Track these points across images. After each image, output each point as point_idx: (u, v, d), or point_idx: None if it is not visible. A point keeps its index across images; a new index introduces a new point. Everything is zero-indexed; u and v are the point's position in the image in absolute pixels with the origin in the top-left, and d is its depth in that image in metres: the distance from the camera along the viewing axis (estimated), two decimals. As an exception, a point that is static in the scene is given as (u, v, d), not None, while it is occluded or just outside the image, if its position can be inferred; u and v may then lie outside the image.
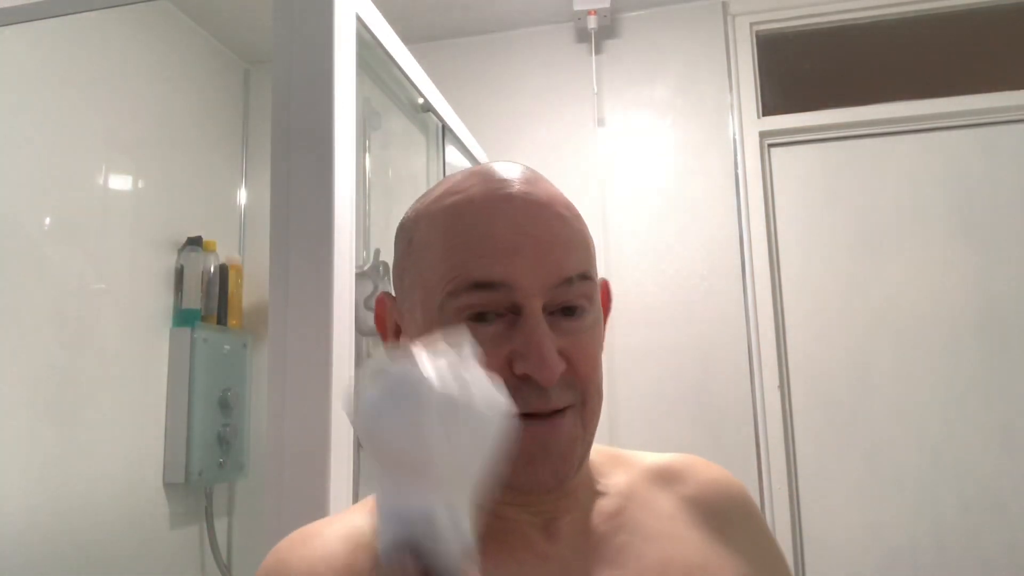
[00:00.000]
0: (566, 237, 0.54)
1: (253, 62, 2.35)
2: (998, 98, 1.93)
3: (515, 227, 0.52)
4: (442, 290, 0.51)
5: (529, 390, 0.50)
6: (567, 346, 0.51)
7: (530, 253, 0.51)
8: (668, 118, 2.10)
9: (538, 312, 0.51)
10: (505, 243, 0.51)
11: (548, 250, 0.52)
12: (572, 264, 0.53)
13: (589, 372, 0.53)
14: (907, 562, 1.81)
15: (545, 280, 0.51)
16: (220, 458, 1.96)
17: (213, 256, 2.00)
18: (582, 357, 0.52)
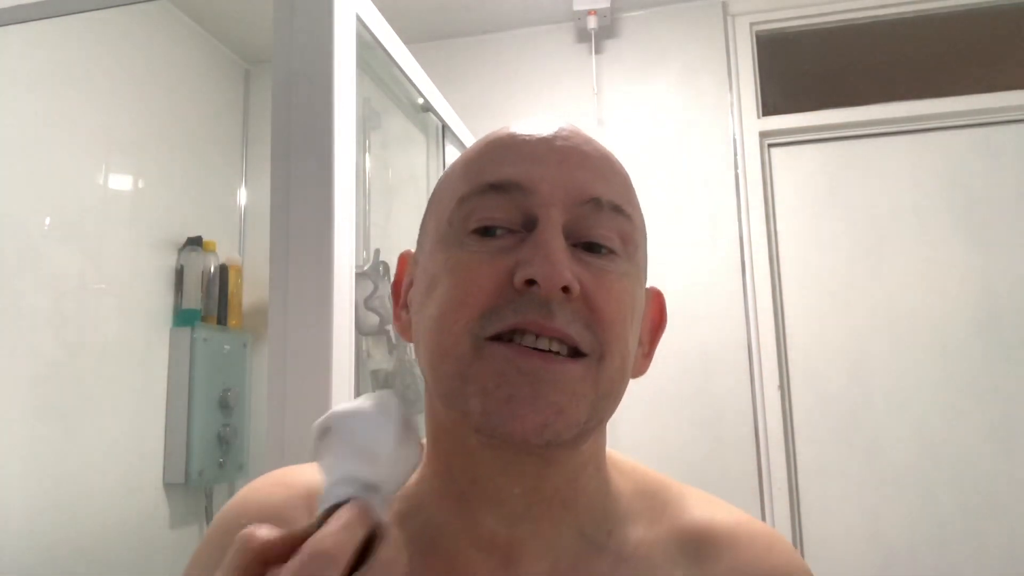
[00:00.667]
0: (603, 164, 0.47)
1: (253, 62, 2.35)
2: (998, 98, 1.93)
3: (543, 140, 0.46)
4: (452, 199, 0.46)
5: (528, 301, 0.42)
6: (587, 278, 0.44)
7: (555, 162, 0.45)
8: (668, 118, 2.10)
9: (555, 223, 0.44)
10: (528, 149, 0.46)
11: (578, 164, 0.46)
12: (604, 188, 0.46)
13: (612, 315, 0.44)
14: (907, 562, 1.81)
15: (568, 191, 0.44)
16: (220, 458, 1.96)
17: (213, 256, 2.00)
18: (605, 295, 0.44)
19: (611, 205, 0.45)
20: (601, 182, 0.46)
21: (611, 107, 2.13)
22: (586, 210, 0.45)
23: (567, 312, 0.42)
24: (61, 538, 1.54)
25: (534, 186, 0.44)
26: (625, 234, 0.46)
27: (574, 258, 0.44)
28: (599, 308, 0.43)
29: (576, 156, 0.46)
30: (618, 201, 0.46)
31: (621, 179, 0.48)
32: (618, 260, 0.46)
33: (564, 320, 0.42)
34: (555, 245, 0.42)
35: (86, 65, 1.72)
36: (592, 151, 0.47)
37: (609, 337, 0.44)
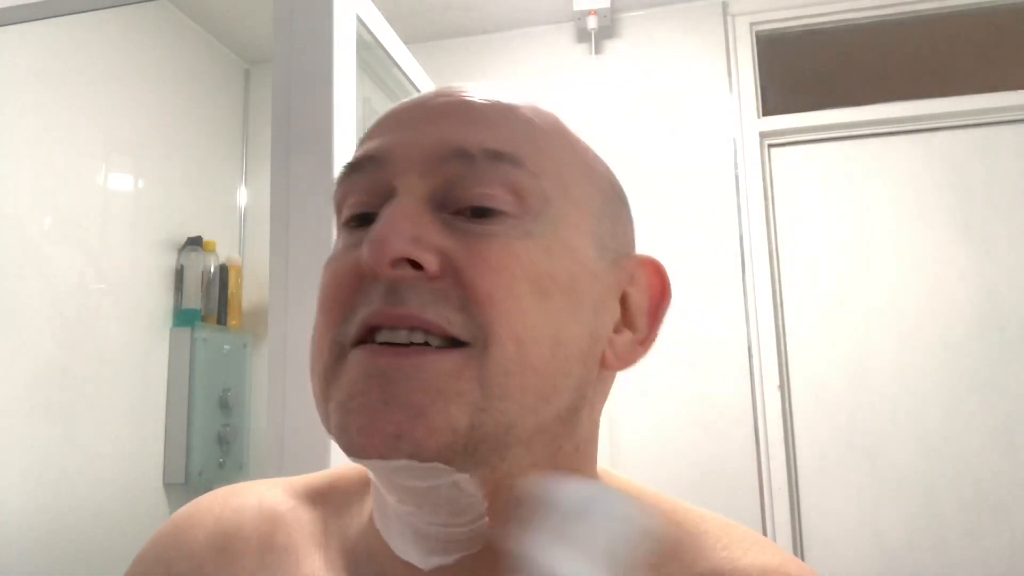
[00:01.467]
0: (485, 110, 0.38)
1: (253, 62, 2.35)
2: (998, 98, 1.93)
3: (419, 104, 0.39)
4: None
5: (374, 289, 0.35)
6: (455, 248, 0.35)
7: (421, 122, 0.38)
8: (668, 118, 2.10)
9: (411, 191, 0.36)
10: (399, 117, 0.39)
11: (445, 116, 0.37)
12: (476, 134, 0.36)
13: (493, 289, 0.34)
14: (907, 562, 1.81)
15: (425, 149, 0.36)
16: (220, 458, 1.96)
17: (213, 256, 2.00)
18: (480, 265, 0.34)
19: (488, 153, 0.36)
20: (473, 128, 0.37)
21: (611, 107, 2.13)
22: (454, 166, 0.36)
23: (423, 294, 0.34)
24: (61, 538, 1.54)
25: (387, 154, 0.37)
26: (518, 186, 0.36)
27: (444, 228, 0.35)
28: (472, 283, 0.34)
29: (449, 109, 0.38)
30: (498, 146, 0.36)
31: (514, 123, 0.38)
32: (511, 221, 0.36)
33: (418, 303, 0.34)
34: (394, 214, 0.34)
35: (86, 65, 1.72)
36: (478, 100, 0.38)
37: (492, 317, 0.34)
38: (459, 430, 0.33)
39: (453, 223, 0.36)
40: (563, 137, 0.41)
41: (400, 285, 0.34)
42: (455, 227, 0.36)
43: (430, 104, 0.39)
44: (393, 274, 0.34)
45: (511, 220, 0.36)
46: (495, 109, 0.38)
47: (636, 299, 0.42)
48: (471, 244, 0.35)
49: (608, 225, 0.41)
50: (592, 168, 0.42)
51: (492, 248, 0.35)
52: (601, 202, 0.41)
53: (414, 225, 0.35)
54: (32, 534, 1.47)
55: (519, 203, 0.36)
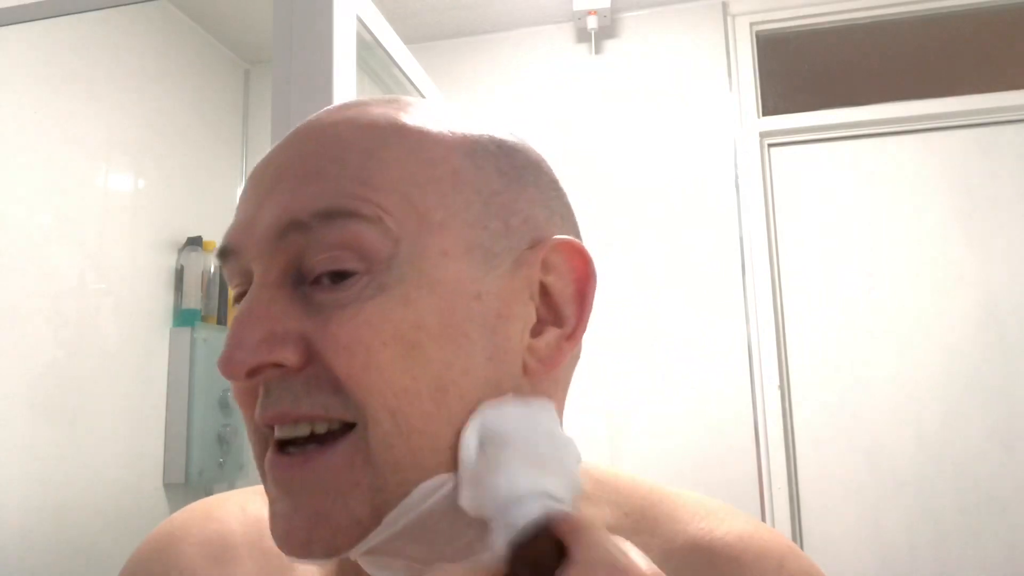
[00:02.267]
0: (317, 164, 0.35)
1: (253, 62, 2.35)
2: (998, 98, 1.93)
3: (258, 175, 0.37)
4: None
5: (252, 390, 0.35)
6: (315, 330, 0.33)
7: (257, 196, 0.36)
8: (668, 118, 2.10)
9: (263, 278, 0.35)
10: (247, 193, 0.37)
11: (276, 183, 0.35)
12: (306, 197, 0.34)
13: (355, 365, 0.33)
14: (907, 562, 1.81)
15: (264, 233, 0.34)
16: (220, 458, 1.96)
17: (213, 256, 2.00)
18: (333, 346, 0.33)
19: (319, 215, 0.33)
20: (303, 189, 0.34)
21: (611, 108, 2.13)
22: (294, 239, 0.34)
23: (295, 387, 0.33)
24: (61, 538, 1.53)
25: (236, 244, 0.36)
26: (359, 241, 0.33)
27: (303, 307, 0.34)
28: (332, 365, 0.33)
29: (285, 170, 0.36)
30: (328, 204, 0.33)
31: (347, 163, 0.35)
32: (363, 280, 0.33)
33: (291, 399, 0.33)
34: (241, 318, 0.33)
35: (86, 65, 1.72)
36: (309, 148, 0.36)
37: (361, 396, 0.33)
38: (363, 520, 0.33)
39: (312, 297, 0.34)
40: (413, 148, 0.36)
41: (271, 385, 0.34)
42: (313, 302, 0.34)
43: (272, 166, 0.37)
44: (259, 379, 0.34)
45: (363, 279, 0.33)
46: (329, 153, 0.35)
47: (558, 287, 0.39)
48: (326, 322, 0.33)
49: (496, 225, 0.37)
50: (458, 168, 0.37)
51: (344, 322, 0.33)
52: (480, 205, 0.36)
53: (265, 323, 0.33)
54: (32, 534, 1.47)
55: (365, 258, 0.33)
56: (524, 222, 0.38)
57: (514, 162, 0.40)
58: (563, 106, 2.16)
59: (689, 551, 0.41)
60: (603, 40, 2.18)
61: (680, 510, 0.43)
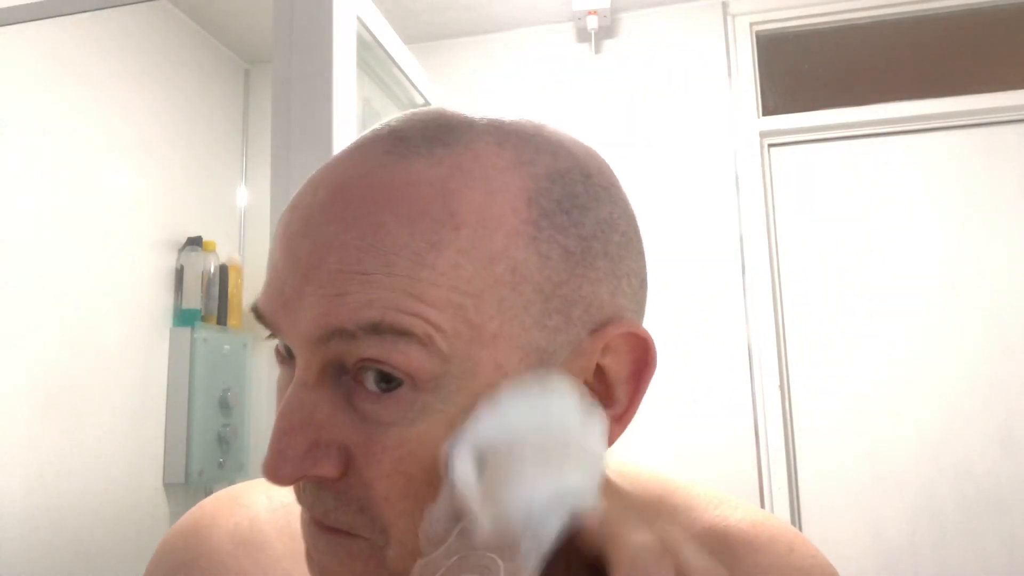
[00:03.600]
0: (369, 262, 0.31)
1: (253, 62, 2.35)
2: (998, 98, 1.93)
3: (299, 235, 0.34)
4: None
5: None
6: (357, 441, 0.33)
7: (301, 279, 0.33)
8: (668, 118, 2.10)
9: (304, 374, 0.33)
10: (280, 260, 0.34)
11: (327, 279, 0.32)
12: (353, 304, 0.31)
13: (389, 490, 0.32)
14: (907, 562, 1.81)
15: (304, 329, 0.32)
16: (220, 458, 1.96)
17: (213, 256, 2.00)
18: (376, 469, 0.32)
19: (366, 329, 0.31)
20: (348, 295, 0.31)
21: (611, 107, 2.13)
22: (337, 345, 0.32)
23: (325, 500, 0.34)
24: (61, 538, 1.54)
25: (275, 322, 0.34)
26: (407, 360, 0.31)
27: (344, 409, 0.33)
28: (369, 484, 0.32)
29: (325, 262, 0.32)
30: (376, 317, 0.31)
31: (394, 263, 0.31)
32: (408, 396, 0.32)
33: (321, 509, 0.34)
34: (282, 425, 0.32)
35: (86, 65, 1.72)
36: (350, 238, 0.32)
37: (391, 520, 0.33)
38: None
39: (354, 401, 0.33)
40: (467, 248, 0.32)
41: (307, 486, 0.34)
42: (356, 408, 0.33)
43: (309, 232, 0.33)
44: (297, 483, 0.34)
45: (408, 395, 0.32)
46: (374, 247, 0.32)
47: (614, 369, 0.38)
48: (368, 437, 0.32)
49: (556, 321, 0.34)
50: (519, 264, 0.33)
51: (387, 448, 0.32)
52: (540, 303, 0.33)
53: (309, 432, 0.32)
54: (32, 534, 1.47)
55: (411, 376, 0.31)
56: (586, 309, 0.35)
57: (583, 229, 0.35)
58: (563, 106, 2.16)
59: (706, 536, 0.43)
60: (603, 40, 2.18)
61: (695, 499, 0.46)
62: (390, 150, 0.34)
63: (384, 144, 0.35)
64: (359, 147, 0.36)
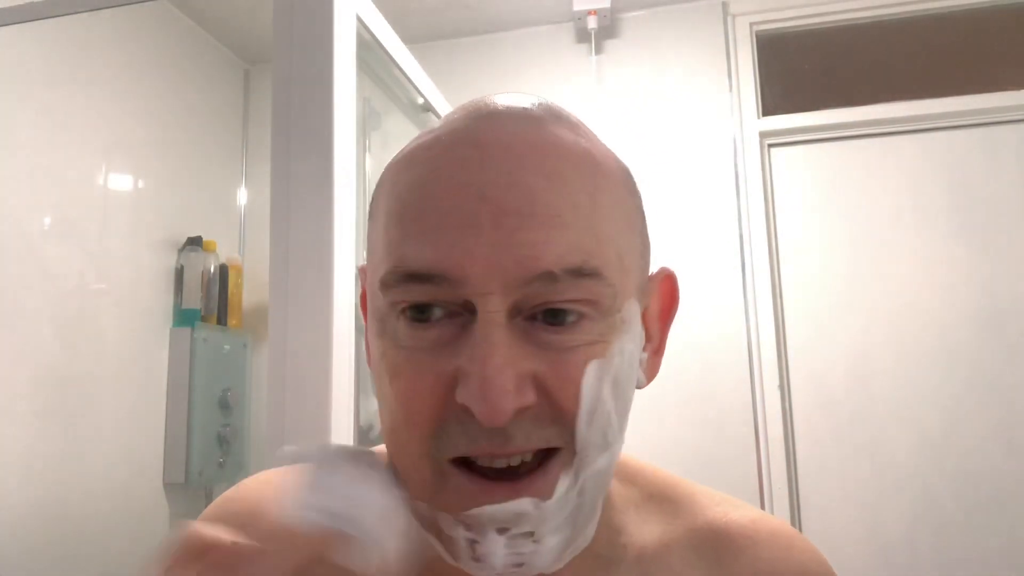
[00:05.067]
0: (556, 206, 0.36)
1: (253, 62, 2.35)
2: (998, 98, 1.93)
3: (473, 188, 0.35)
4: (379, 275, 0.38)
5: (477, 427, 0.35)
6: (543, 368, 0.36)
7: (488, 226, 0.35)
8: (668, 118, 2.10)
9: (495, 316, 0.35)
10: (452, 214, 0.35)
11: (517, 226, 0.35)
12: (559, 250, 0.35)
13: (578, 408, 0.36)
14: (907, 561, 1.81)
15: (506, 272, 0.35)
16: (220, 458, 1.96)
17: (213, 256, 2.00)
18: (569, 387, 0.36)
19: (570, 272, 0.35)
20: (553, 243, 0.35)
21: (611, 108, 2.13)
22: (537, 287, 0.35)
23: (526, 427, 0.36)
24: (61, 538, 1.54)
25: (462, 274, 0.35)
26: (595, 296, 0.36)
27: (530, 340, 0.36)
28: (561, 403, 0.36)
29: (516, 205, 0.35)
30: (579, 262, 0.35)
31: (583, 212, 0.37)
32: (585, 325, 0.37)
33: (523, 438, 0.36)
34: (495, 362, 0.34)
35: (86, 65, 1.72)
36: (541, 182, 0.36)
37: (585, 428, 0.37)
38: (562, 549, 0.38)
39: (531, 333, 0.36)
40: (612, 192, 0.39)
41: (508, 427, 0.35)
42: (535, 339, 0.36)
43: (492, 192, 0.35)
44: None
45: (586, 324, 0.37)
46: (559, 191, 0.36)
47: (652, 309, 0.44)
48: (555, 363, 0.36)
49: (645, 261, 0.42)
50: (631, 209, 0.41)
51: (575, 366, 0.36)
52: (640, 244, 0.42)
53: (512, 367, 0.35)
54: (32, 534, 1.47)
55: (593, 308, 0.37)
56: (648, 255, 0.44)
57: (637, 193, 0.43)
58: (563, 106, 2.16)
59: (708, 530, 0.46)
60: (603, 40, 2.18)
61: (698, 496, 0.49)
62: (535, 120, 0.39)
63: (526, 116, 0.39)
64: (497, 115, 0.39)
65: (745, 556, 0.45)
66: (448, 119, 0.40)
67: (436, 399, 0.36)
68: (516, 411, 0.35)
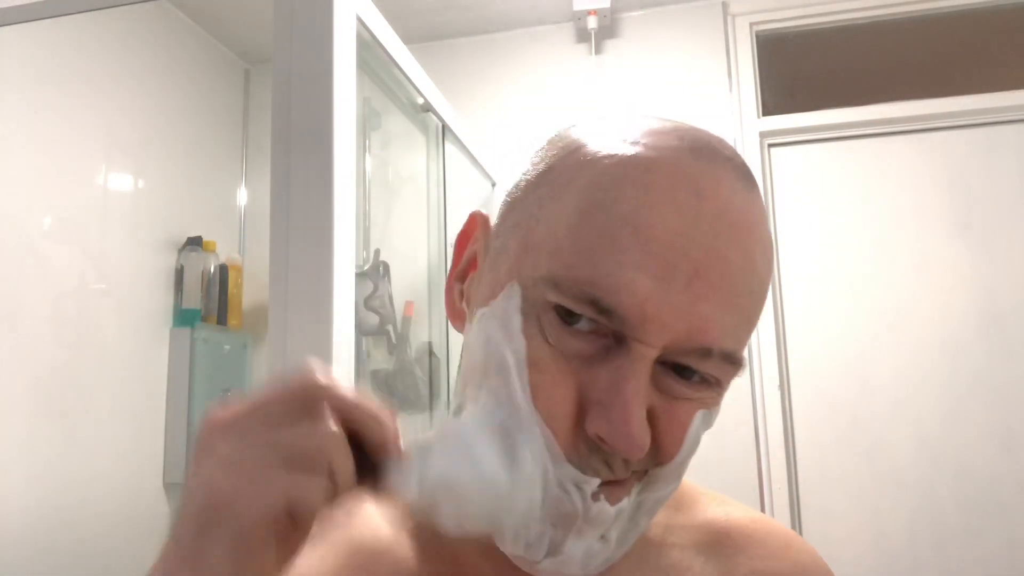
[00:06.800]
0: (743, 288, 0.37)
1: (253, 62, 2.35)
2: (998, 98, 1.93)
3: (680, 241, 0.36)
4: (547, 266, 0.38)
5: (603, 456, 0.37)
6: (662, 411, 0.38)
7: (680, 287, 0.36)
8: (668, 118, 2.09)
9: (645, 362, 0.36)
10: (652, 261, 0.36)
11: (707, 293, 0.36)
12: (724, 333, 0.37)
13: (675, 453, 0.39)
14: (907, 562, 1.81)
15: (676, 334, 0.36)
16: (220, 458, 1.96)
17: (213, 256, 2.00)
18: (678, 433, 0.39)
19: (723, 355, 0.37)
20: (724, 323, 0.37)
21: (611, 107, 2.13)
22: (691, 355, 0.37)
23: (639, 462, 0.39)
24: (61, 538, 1.54)
25: (638, 323, 0.36)
26: (726, 377, 0.39)
27: (654, 383, 0.38)
28: (665, 447, 0.39)
29: (711, 275, 0.36)
30: (733, 347, 0.38)
31: (754, 301, 0.39)
32: (705, 387, 0.39)
33: (631, 471, 0.39)
34: (634, 405, 0.36)
35: (86, 65, 1.72)
36: (737, 259, 0.37)
37: (670, 464, 0.40)
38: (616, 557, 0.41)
39: (660, 376, 0.38)
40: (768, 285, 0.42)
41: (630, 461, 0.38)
42: (661, 383, 0.38)
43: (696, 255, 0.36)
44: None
45: (704, 387, 0.39)
46: (743, 283, 0.38)
47: None
48: (671, 410, 0.38)
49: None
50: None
51: (684, 418, 0.39)
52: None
53: (643, 406, 0.37)
54: (32, 534, 1.47)
55: (716, 387, 0.39)
56: None
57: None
58: (563, 106, 2.16)
59: (708, 527, 0.48)
60: (603, 40, 2.18)
61: (700, 496, 0.52)
62: (746, 181, 0.40)
63: (738, 172, 0.39)
64: (714, 157, 0.39)
65: (743, 553, 0.47)
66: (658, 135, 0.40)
67: (567, 412, 0.37)
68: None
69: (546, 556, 0.38)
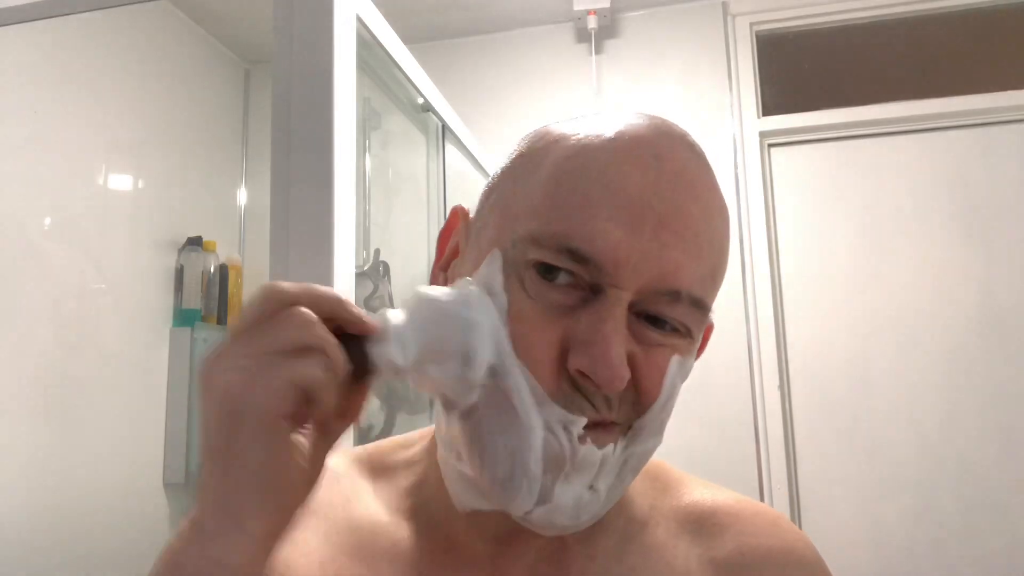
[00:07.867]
0: (704, 239, 0.41)
1: (253, 62, 2.35)
2: (998, 98, 1.93)
3: (645, 194, 0.40)
4: (526, 227, 0.41)
5: (585, 394, 0.40)
6: (639, 357, 0.41)
7: (648, 235, 0.40)
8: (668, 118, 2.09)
9: (620, 304, 0.40)
10: (622, 212, 0.40)
11: (673, 241, 0.40)
12: (691, 278, 0.41)
13: (655, 397, 0.42)
14: (907, 562, 1.81)
15: (647, 278, 0.40)
16: (220, 458, 1.96)
17: (213, 256, 2.00)
18: (656, 377, 0.41)
19: (691, 299, 0.41)
20: (689, 268, 0.40)
21: (611, 107, 2.13)
22: (662, 299, 0.40)
23: (612, 399, 0.41)
24: (61, 538, 1.53)
25: (613, 269, 0.39)
26: (694, 324, 0.42)
27: (630, 331, 0.41)
28: (645, 390, 0.41)
29: (675, 224, 0.40)
30: (700, 294, 0.41)
31: (718, 253, 0.43)
32: (676, 337, 0.42)
33: (614, 411, 0.41)
34: (614, 341, 0.39)
35: (86, 65, 1.72)
36: (696, 212, 0.41)
37: (653, 411, 0.42)
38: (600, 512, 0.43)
39: (633, 325, 0.41)
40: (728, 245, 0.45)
41: (612, 397, 0.41)
42: (633, 330, 0.41)
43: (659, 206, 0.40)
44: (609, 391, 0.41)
45: (675, 337, 0.42)
46: (707, 233, 0.42)
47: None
48: (648, 355, 0.41)
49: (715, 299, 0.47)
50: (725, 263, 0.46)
51: (661, 362, 0.42)
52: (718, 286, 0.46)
53: (624, 345, 0.40)
54: (32, 534, 1.47)
55: (687, 333, 0.42)
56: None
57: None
58: (563, 106, 2.16)
59: (694, 507, 0.50)
60: (603, 40, 2.18)
61: (687, 480, 0.53)
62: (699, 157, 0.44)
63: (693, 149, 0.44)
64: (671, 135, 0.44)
65: (729, 532, 0.48)
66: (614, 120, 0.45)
67: (550, 358, 0.40)
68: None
69: (537, 504, 0.40)
